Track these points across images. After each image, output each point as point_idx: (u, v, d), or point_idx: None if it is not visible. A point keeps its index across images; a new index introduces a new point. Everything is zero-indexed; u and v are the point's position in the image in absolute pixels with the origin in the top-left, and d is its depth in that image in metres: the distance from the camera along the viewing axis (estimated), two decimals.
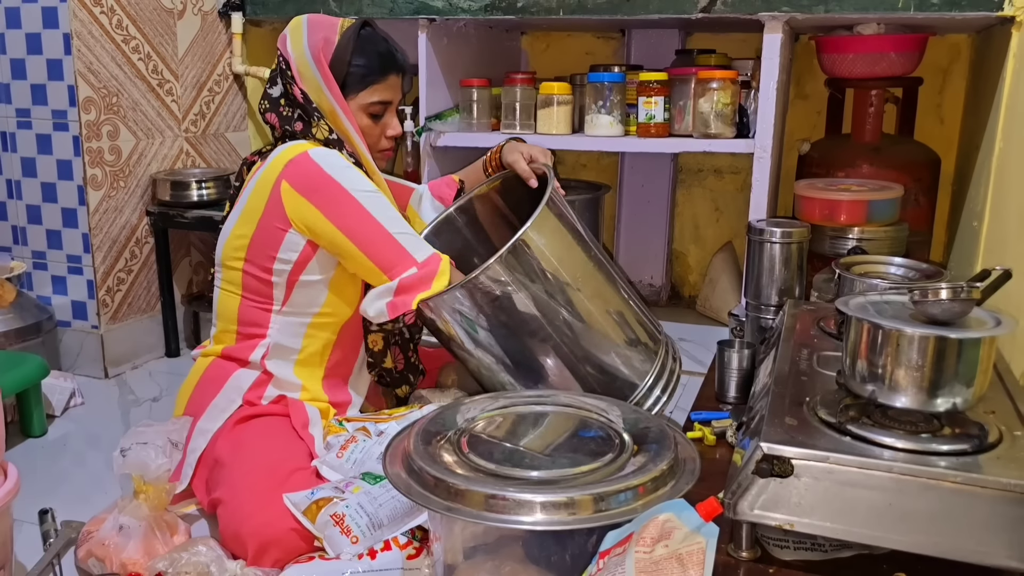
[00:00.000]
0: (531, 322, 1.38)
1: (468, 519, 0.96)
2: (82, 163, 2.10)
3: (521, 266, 1.35)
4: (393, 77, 1.49)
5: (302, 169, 1.39)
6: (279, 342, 1.47)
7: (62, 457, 1.79)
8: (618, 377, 1.45)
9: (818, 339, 1.31)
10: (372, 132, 1.50)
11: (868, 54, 2.02)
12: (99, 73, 2.11)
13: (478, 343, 1.41)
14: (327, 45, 1.44)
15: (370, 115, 1.49)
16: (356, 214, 1.37)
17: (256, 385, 1.46)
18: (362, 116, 1.48)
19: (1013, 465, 0.88)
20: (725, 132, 1.96)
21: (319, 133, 1.45)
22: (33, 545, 1.39)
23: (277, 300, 1.46)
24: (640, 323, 1.51)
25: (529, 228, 1.34)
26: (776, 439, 0.92)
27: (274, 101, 1.48)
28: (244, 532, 1.25)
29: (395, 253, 1.37)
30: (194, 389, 1.50)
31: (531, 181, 1.57)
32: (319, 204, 1.38)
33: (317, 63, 1.43)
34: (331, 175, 1.38)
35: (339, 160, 1.41)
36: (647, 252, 2.72)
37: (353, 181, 1.39)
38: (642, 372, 1.47)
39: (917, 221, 2.08)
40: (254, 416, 1.43)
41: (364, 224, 1.37)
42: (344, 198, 1.38)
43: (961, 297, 0.95)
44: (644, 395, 1.46)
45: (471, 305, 1.36)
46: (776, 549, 0.97)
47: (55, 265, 2.21)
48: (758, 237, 1.71)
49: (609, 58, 2.65)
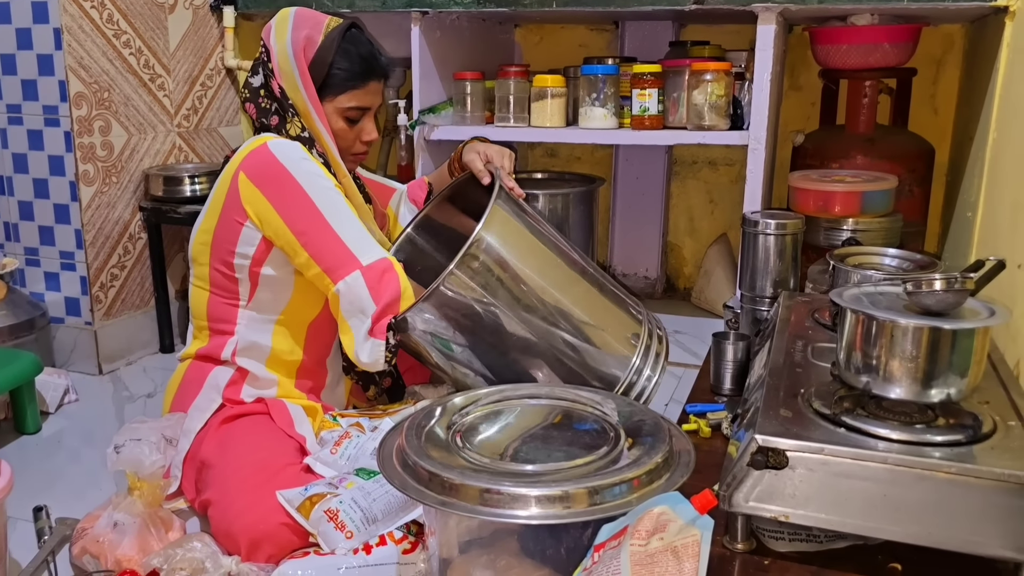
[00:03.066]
0: (501, 329, 1.33)
1: (463, 513, 0.96)
2: (74, 159, 2.09)
3: (481, 270, 1.30)
4: (374, 83, 1.46)
5: (259, 160, 1.37)
6: (248, 338, 1.45)
7: (56, 454, 1.79)
8: (604, 366, 1.42)
9: (813, 331, 1.31)
10: (347, 136, 1.47)
11: (862, 45, 2.01)
12: (90, 68, 2.10)
13: (452, 359, 1.37)
14: (309, 44, 1.41)
15: (346, 119, 1.46)
16: (304, 208, 1.34)
17: (232, 382, 1.45)
18: (338, 119, 1.45)
19: (1007, 455, 0.88)
20: (719, 124, 1.96)
21: (292, 130, 1.43)
22: (27, 543, 1.38)
23: (243, 296, 1.44)
24: (617, 309, 1.47)
25: (481, 229, 1.29)
26: (771, 431, 0.92)
27: (254, 91, 1.46)
28: (236, 529, 1.25)
29: (339, 254, 1.32)
30: (176, 392, 1.51)
31: (483, 179, 1.52)
32: (270, 195, 1.35)
33: (297, 61, 1.41)
34: (286, 166, 1.35)
35: (298, 152, 1.38)
36: (642, 244, 2.72)
37: (308, 175, 1.36)
38: (627, 355, 1.43)
39: (911, 212, 2.08)
40: (239, 416, 1.42)
41: (311, 220, 1.34)
42: (294, 191, 1.34)
43: (955, 288, 0.95)
44: (634, 375, 1.42)
45: (436, 321, 1.31)
46: (771, 541, 0.97)
47: (48, 261, 2.20)
48: (753, 229, 1.71)
49: (603, 50, 2.65)
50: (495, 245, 1.32)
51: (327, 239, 1.33)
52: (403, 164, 2.25)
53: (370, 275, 1.31)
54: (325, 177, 1.38)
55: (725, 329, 1.58)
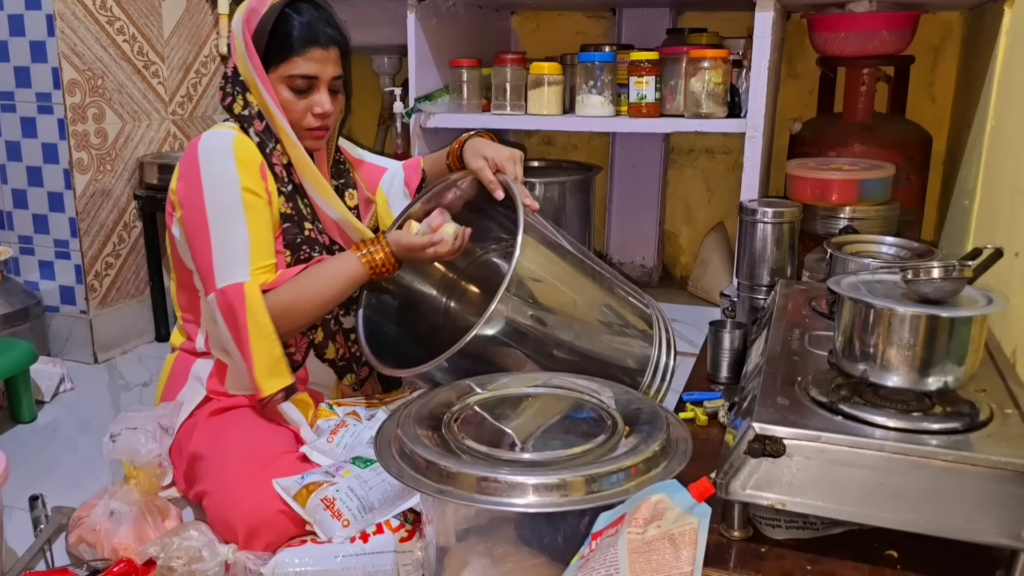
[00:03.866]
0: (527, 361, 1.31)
1: (460, 502, 0.96)
2: (68, 146, 2.08)
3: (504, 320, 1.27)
4: (317, 50, 1.39)
5: (189, 152, 1.38)
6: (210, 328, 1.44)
7: (52, 443, 1.78)
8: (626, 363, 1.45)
9: (810, 319, 1.30)
10: (295, 108, 1.41)
11: (860, 32, 2.00)
12: (83, 55, 2.08)
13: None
14: (252, 15, 1.39)
15: (292, 89, 1.40)
16: (197, 210, 1.34)
17: (214, 373, 1.45)
18: (283, 89, 1.40)
19: (1004, 443, 0.88)
20: (716, 112, 1.95)
21: (236, 107, 1.42)
22: (24, 531, 1.38)
23: (200, 286, 1.43)
24: (630, 309, 1.49)
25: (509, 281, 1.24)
26: (768, 419, 0.92)
27: (224, 75, 1.47)
28: (232, 518, 1.24)
29: (206, 268, 1.33)
30: (165, 385, 1.51)
31: (497, 193, 1.45)
32: (181, 190, 1.38)
33: (243, 35, 1.39)
34: (200, 163, 1.35)
35: (220, 147, 1.35)
36: (638, 233, 2.71)
37: (214, 175, 1.34)
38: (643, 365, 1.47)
39: (908, 200, 2.08)
40: (228, 408, 1.42)
41: (198, 222, 1.34)
42: (196, 190, 1.34)
43: (953, 276, 0.94)
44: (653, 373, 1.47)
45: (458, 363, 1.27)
46: (768, 528, 0.97)
47: (42, 250, 2.19)
48: (750, 217, 1.70)
49: (600, 37, 2.64)
50: (520, 293, 1.28)
51: (202, 248, 1.33)
52: (399, 152, 2.25)
53: (221, 300, 1.31)
54: (234, 179, 1.34)
55: (722, 317, 1.57)
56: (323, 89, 1.42)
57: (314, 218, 1.48)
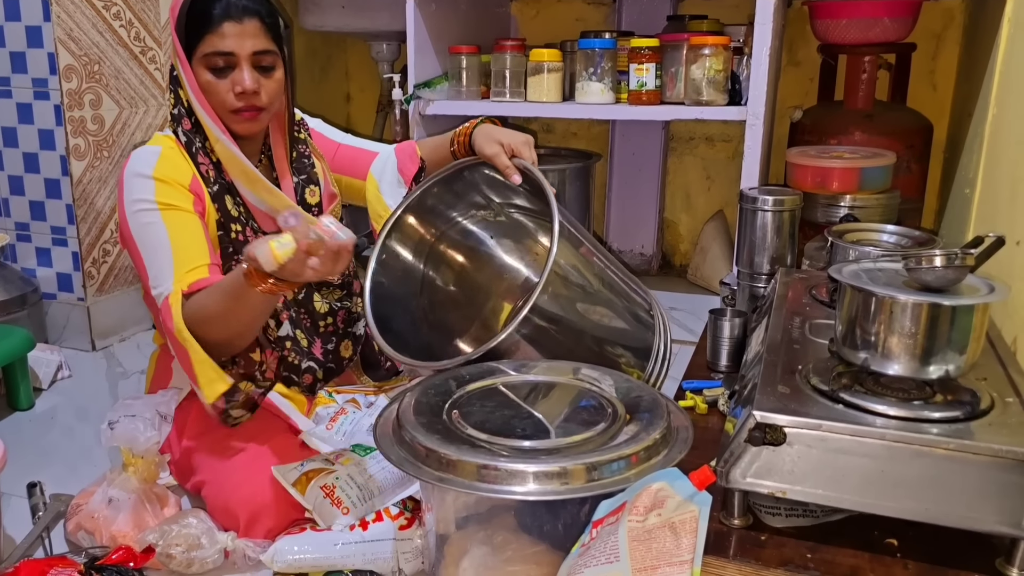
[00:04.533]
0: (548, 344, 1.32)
1: (460, 489, 0.96)
2: (64, 132, 2.06)
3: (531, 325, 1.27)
4: (228, 24, 1.30)
5: (121, 174, 1.36)
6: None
7: (50, 430, 1.78)
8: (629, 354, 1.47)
9: (810, 307, 1.30)
10: (217, 90, 1.33)
11: (861, 19, 1.99)
12: (80, 40, 2.06)
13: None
14: (175, 4, 1.34)
15: (211, 69, 1.32)
16: (126, 235, 1.33)
17: None
18: (203, 72, 1.33)
19: (1004, 431, 0.88)
20: (717, 99, 1.94)
21: (168, 106, 1.39)
22: (22, 519, 1.38)
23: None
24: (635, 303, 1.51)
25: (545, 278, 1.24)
26: (769, 407, 0.92)
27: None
28: (233, 503, 1.24)
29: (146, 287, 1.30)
30: (151, 380, 1.51)
31: (514, 179, 1.42)
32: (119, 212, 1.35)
33: (171, 25, 1.34)
34: (123, 186, 1.33)
35: (139, 171, 1.32)
36: (638, 221, 2.71)
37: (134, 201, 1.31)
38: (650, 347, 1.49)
39: (909, 188, 2.07)
40: None
41: (130, 246, 1.33)
42: (121, 213, 1.33)
43: (955, 264, 0.94)
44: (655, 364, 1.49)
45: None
46: (768, 516, 0.97)
47: (39, 237, 2.18)
48: (750, 205, 1.70)
49: (600, 24, 2.62)
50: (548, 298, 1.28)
51: (140, 268, 1.31)
52: (398, 139, 2.23)
53: (159, 315, 1.28)
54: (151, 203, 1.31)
55: (722, 306, 1.57)
56: (244, 66, 1.32)
57: (248, 217, 1.41)
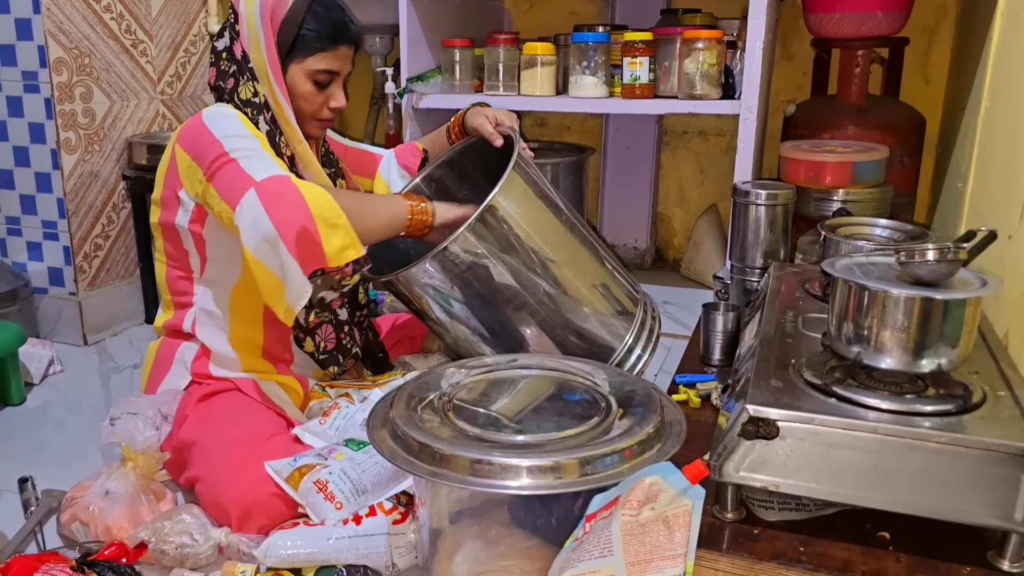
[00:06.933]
0: (506, 290, 1.37)
1: (454, 484, 0.96)
2: (55, 126, 2.05)
3: (491, 233, 1.33)
4: (344, 48, 1.42)
5: (191, 127, 1.36)
6: (205, 308, 1.44)
7: (42, 425, 1.77)
8: (597, 339, 1.45)
9: (803, 301, 1.30)
10: (314, 100, 1.43)
11: (855, 13, 1.99)
12: (70, 33, 2.05)
13: (452, 315, 1.40)
14: (279, 6, 1.38)
15: (315, 82, 1.41)
16: (210, 146, 1.30)
17: (199, 356, 1.44)
18: (306, 82, 1.41)
19: (996, 425, 0.88)
20: (711, 93, 1.94)
21: (244, 93, 1.39)
22: (14, 514, 1.38)
23: (195, 268, 1.44)
24: (616, 282, 1.51)
25: (497, 193, 1.32)
26: (762, 401, 0.92)
27: (218, 54, 1.42)
28: (225, 500, 1.24)
29: (235, 178, 1.23)
30: (150, 372, 1.50)
31: (496, 141, 1.54)
32: (192, 152, 1.33)
33: (264, 21, 1.36)
34: (207, 125, 1.32)
35: (223, 111, 1.35)
36: (631, 215, 2.71)
37: (225, 128, 1.31)
38: (621, 333, 1.48)
39: (901, 182, 2.08)
40: (215, 393, 1.41)
41: (215, 155, 1.28)
42: (205, 137, 1.31)
43: (948, 258, 0.94)
44: (624, 355, 1.47)
45: (442, 277, 1.34)
46: (761, 510, 0.97)
47: (30, 231, 2.17)
48: (743, 199, 1.70)
49: (593, 18, 2.61)
50: (508, 209, 1.34)
51: (227, 167, 1.26)
52: (391, 133, 2.23)
53: (264, 191, 1.20)
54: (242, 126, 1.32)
55: (715, 300, 1.57)
56: (340, 83, 1.46)
57: None
